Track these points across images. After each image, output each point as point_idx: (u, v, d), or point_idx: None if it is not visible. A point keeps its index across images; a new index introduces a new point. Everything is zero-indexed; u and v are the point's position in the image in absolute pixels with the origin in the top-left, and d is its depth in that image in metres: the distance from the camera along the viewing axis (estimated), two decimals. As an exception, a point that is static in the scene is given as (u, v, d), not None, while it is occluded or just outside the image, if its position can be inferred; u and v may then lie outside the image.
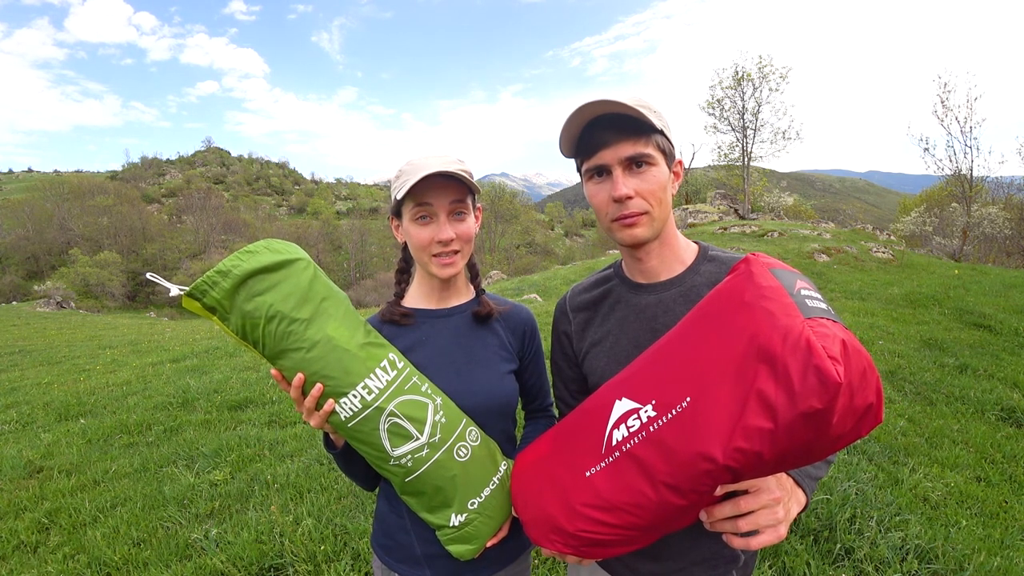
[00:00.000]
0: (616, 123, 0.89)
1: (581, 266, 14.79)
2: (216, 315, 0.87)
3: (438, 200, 1.03)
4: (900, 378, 4.91)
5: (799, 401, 0.61)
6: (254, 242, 0.91)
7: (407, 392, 0.94)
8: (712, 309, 0.76)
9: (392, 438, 0.92)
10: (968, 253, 18.23)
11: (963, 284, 8.95)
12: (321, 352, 0.88)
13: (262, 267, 0.86)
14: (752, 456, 0.66)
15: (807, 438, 0.63)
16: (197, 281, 0.84)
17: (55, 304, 27.01)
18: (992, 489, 3.14)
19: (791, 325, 0.64)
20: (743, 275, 0.74)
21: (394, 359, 0.96)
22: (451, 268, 1.06)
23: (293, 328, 0.87)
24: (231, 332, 0.88)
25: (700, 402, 0.70)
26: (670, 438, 0.72)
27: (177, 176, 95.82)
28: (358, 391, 0.90)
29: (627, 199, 0.89)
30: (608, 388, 0.87)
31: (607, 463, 0.80)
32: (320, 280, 0.93)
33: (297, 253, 0.93)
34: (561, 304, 1.15)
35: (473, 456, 0.98)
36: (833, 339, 0.63)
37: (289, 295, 0.88)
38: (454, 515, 0.99)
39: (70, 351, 10.31)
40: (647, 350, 0.84)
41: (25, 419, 5.33)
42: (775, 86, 21.40)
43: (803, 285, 0.71)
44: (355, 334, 0.93)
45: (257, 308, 0.86)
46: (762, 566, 2.30)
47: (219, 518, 2.94)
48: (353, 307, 0.99)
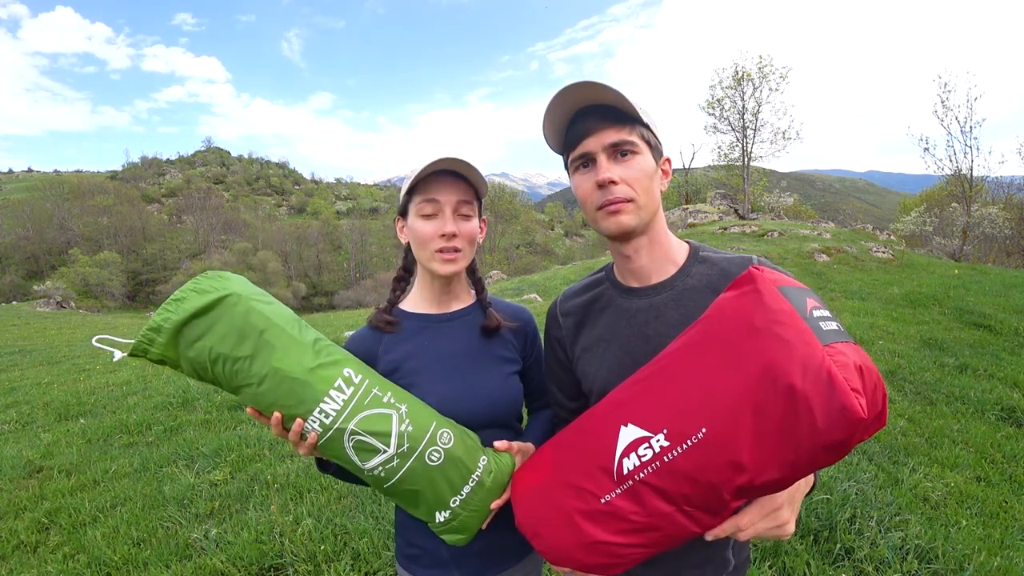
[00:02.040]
0: (600, 112, 0.89)
1: (581, 266, 14.80)
2: (167, 365, 0.90)
3: (445, 196, 1.04)
4: (900, 378, 4.91)
5: (822, 436, 0.61)
6: (183, 285, 0.91)
7: (367, 407, 0.93)
8: (719, 330, 0.73)
9: (360, 454, 0.92)
10: (968, 253, 18.22)
11: (963, 284, 8.94)
12: (270, 385, 0.89)
13: (191, 314, 0.87)
14: (773, 484, 0.67)
15: (826, 460, 0.64)
16: (135, 342, 0.87)
17: (55, 304, 27.01)
18: (992, 489, 3.14)
19: (810, 356, 0.63)
20: (750, 295, 0.71)
21: (350, 375, 0.94)
22: (452, 265, 1.06)
23: (238, 367, 0.88)
24: (188, 376, 0.91)
25: (717, 433, 0.69)
26: (688, 468, 0.71)
27: (177, 176, 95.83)
28: (315, 416, 0.90)
29: (611, 184, 0.88)
30: (609, 409, 0.84)
31: (623, 489, 0.79)
32: (255, 312, 0.91)
33: (226, 288, 0.91)
34: (552, 309, 1.13)
35: (447, 458, 0.97)
36: (852, 368, 0.62)
37: (226, 335, 0.88)
38: (438, 513, 0.99)
39: (70, 351, 10.31)
40: (647, 366, 0.82)
41: (25, 419, 5.33)
42: (775, 86, 21.37)
43: (814, 304, 0.70)
44: (302, 360, 0.91)
45: (199, 354, 0.87)
46: (762, 566, 2.30)
47: (219, 518, 2.94)
48: (300, 327, 0.96)
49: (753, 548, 2.43)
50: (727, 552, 0.98)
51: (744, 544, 1.02)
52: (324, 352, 0.95)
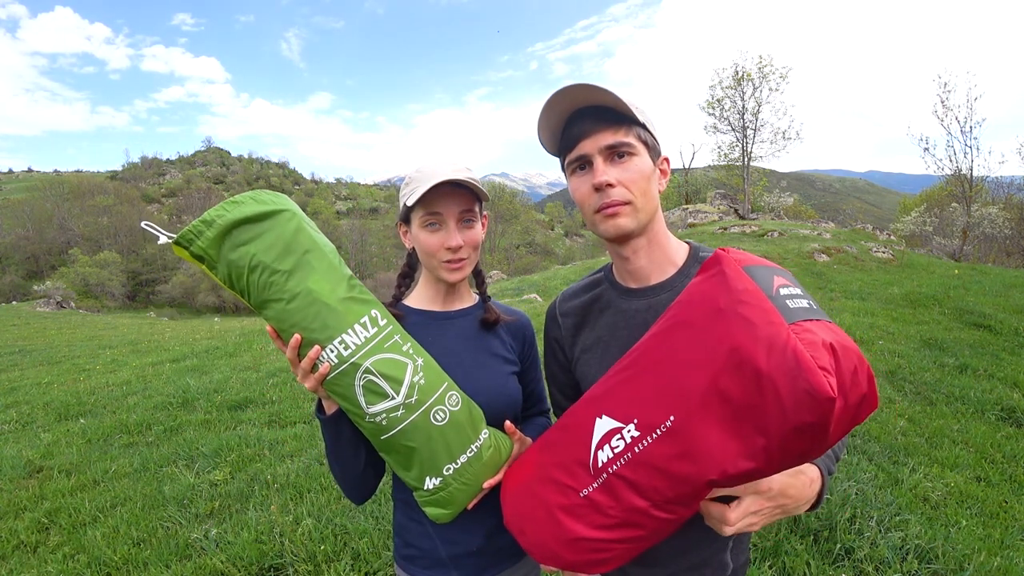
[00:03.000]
0: (596, 114, 0.88)
1: (581, 266, 14.80)
2: (204, 264, 0.88)
3: (448, 208, 1.04)
4: (900, 378, 4.91)
5: (791, 417, 0.59)
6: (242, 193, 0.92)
7: (386, 350, 0.93)
8: (685, 316, 0.71)
9: (367, 395, 0.91)
10: (968, 253, 18.22)
11: (963, 284, 8.94)
12: (300, 304, 0.88)
13: (246, 217, 0.87)
14: (745, 472, 0.65)
15: (803, 447, 0.61)
16: (183, 230, 0.86)
17: (55, 304, 27.01)
18: (992, 489, 3.14)
19: (774, 335, 0.60)
20: (715, 276, 0.69)
21: (376, 316, 0.95)
22: (459, 273, 1.08)
23: (274, 279, 0.88)
24: (220, 280, 0.90)
25: (685, 421, 0.67)
26: (658, 458, 0.70)
27: (177, 176, 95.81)
28: (335, 345, 0.89)
29: (608, 187, 0.87)
30: (586, 404, 0.84)
31: (599, 483, 0.78)
32: (305, 232, 0.92)
33: (283, 204, 0.92)
34: (551, 310, 1.13)
35: (451, 420, 0.96)
36: (821, 345, 0.59)
37: (272, 246, 0.88)
38: (428, 478, 0.98)
39: (70, 351, 10.31)
40: (622, 359, 0.81)
41: (25, 419, 5.33)
42: (775, 86, 21.37)
43: (782, 282, 0.67)
44: (336, 288, 0.92)
45: (241, 258, 0.87)
46: (762, 566, 2.30)
47: (219, 518, 2.94)
48: (340, 261, 0.97)
49: (753, 548, 2.43)
50: (725, 555, 0.98)
51: (743, 548, 1.02)
52: (358, 289, 0.96)
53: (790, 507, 0.77)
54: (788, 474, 0.75)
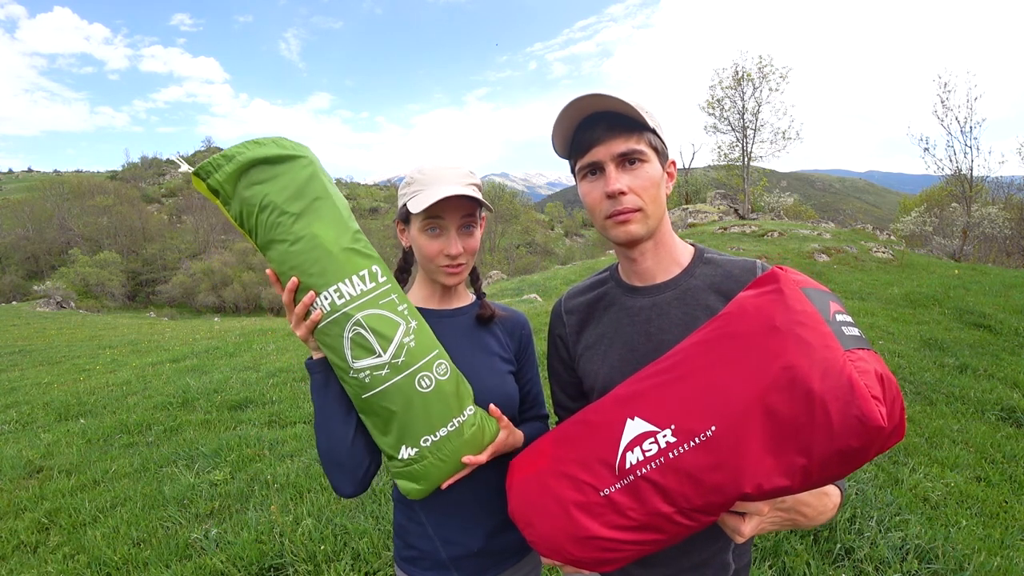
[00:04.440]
0: (608, 120, 0.89)
1: (581, 266, 14.79)
2: (219, 198, 0.90)
3: (450, 216, 1.03)
4: (900, 378, 4.91)
5: (838, 441, 0.60)
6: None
7: (380, 307, 0.93)
8: (737, 329, 0.71)
9: (354, 348, 0.91)
10: (968, 253, 18.21)
11: (963, 284, 8.94)
12: (303, 247, 0.90)
13: (264, 158, 0.89)
14: (780, 490, 0.65)
15: (838, 471, 0.62)
16: (204, 162, 0.89)
17: (55, 304, 27.01)
18: (992, 489, 3.14)
19: (831, 359, 0.61)
20: (772, 295, 0.69)
21: (376, 271, 0.95)
22: (457, 277, 1.09)
23: (282, 220, 0.89)
24: (231, 217, 0.92)
25: (727, 432, 0.67)
26: (694, 467, 0.70)
27: (177, 176, 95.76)
28: (329, 293, 0.90)
29: (620, 195, 0.88)
30: (615, 403, 0.83)
31: (623, 484, 0.77)
32: (318, 180, 0.93)
33: (302, 152, 0.94)
34: (556, 307, 1.14)
35: (436, 389, 0.94)
36: (874, 376, 0.60)
37: (284, 188, 0.90)
38: (404, 447, 0.95)
39: (70, 351, 10.31)
40: (656, 362, 0.80)
41: (25, 419, 5.33)
42: (775, 86, 21.38)
43: (837, 308, 0.68)
44: (340, 238, 0.93)
45: (254, 196, 0.89)
46: (762, 566, 2.30)
47: (219, 518, 2.94)
48: (350, 215, 0.98)
49: (753, 548, 2.43)
50: (727, 555, 0.98)
51: (745, 549, 1.02)
52: (363, 243, 0.97)
53: (802, 523, 0.78)
54: (812, 493, 0.76)
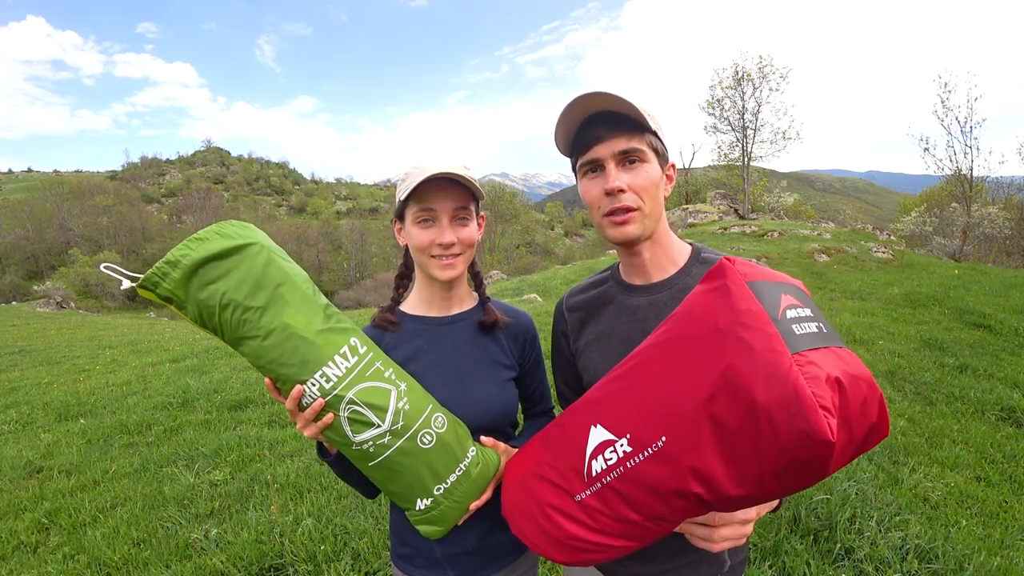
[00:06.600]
0: (611, 120, 0.90)
1: (581, 266, 14.79)
2: (173, 304, 0.86)
3: (441, 204, 1.03)
4: (900, 378, 4.91)
5: (786, 453, 0.56)
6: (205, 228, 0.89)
7: (368, 379, 0.92)
8: (685, 331, 0.68)
9: (353, 425, 0.90)
10: (968, 253, 18.21)
11: (963, 284, 8.94)
12: (277, 340, 0.87)
13: (212, 255, 0.84)
14: (739, 500, 0.63)
15: (800, 480, 0.59)
16: (148, 272, 0.83)
17: (55, 304, 27.00)
18: (992, 489, 3.14)
19: (775, 365, 0.56)
20: (718, 292, 0.65)
21: (356, 344, 0.94)
22: (451, 270, 1.06)
23: (247, 316, 0.86)
24: (190, 320, 0.88)
25: (677, 442, 0.66)
26: (650, 478, 0.69)
27: (177, 176, 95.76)
28: (316, 379, 0.88)
29: (619, 192, 0.90)
30: (585, 407, 0.84)
31: (593, 491, 0.78)
32: (275, 265, 0.90)
33: (251, 237, 0.90)
34: (559, 305, 1.17)
35: (438, 443, 0.96)
36: (825, 381, 0.55)
37: (242, 282, 0.86)
38: (419, 500, 0.98)
39: (70, 351, 10.31)
40: (619, 365, 0.80)
41: (25, 419, 5.33)
42: (775, 86, 21.37)
43: (790, 302, 0.63)
44: (312, 320, 0.90)
45: (211, 296, 0.85)
46: (762, 566, 2.30)
47: (219, 518, 2.94)
48: (314, 290, 0.95)
49: (753, 548, 2.43)
50: (723, 552, 0.99)
51: (741, 545, 1.03)
52: (334, 318, 0.95)
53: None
54: None
